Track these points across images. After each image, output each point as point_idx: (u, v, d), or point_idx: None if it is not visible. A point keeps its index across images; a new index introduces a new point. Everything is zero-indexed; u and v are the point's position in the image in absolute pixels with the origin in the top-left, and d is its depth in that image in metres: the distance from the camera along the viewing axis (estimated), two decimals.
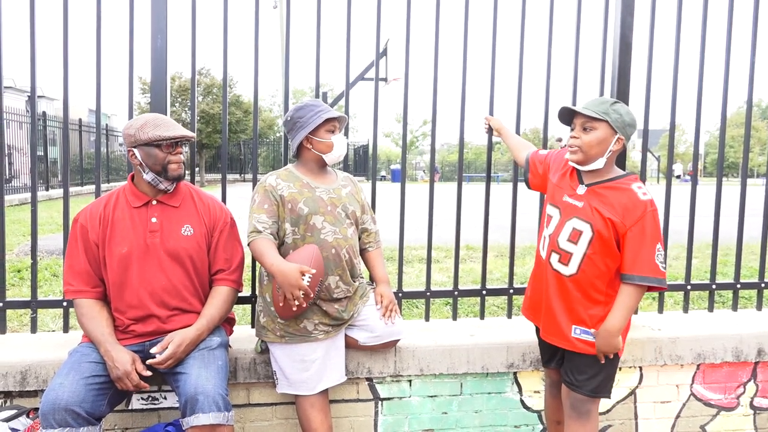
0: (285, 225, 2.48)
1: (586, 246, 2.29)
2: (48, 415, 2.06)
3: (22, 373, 2.56)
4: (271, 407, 2.77)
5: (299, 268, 2.22)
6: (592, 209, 2.28)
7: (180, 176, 2.42)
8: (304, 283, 2.22)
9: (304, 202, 2.48)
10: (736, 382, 3.07)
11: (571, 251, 2.33)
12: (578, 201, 2.34)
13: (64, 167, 2.90)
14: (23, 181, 15.74)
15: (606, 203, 2.27)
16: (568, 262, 2.34)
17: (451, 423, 2.91)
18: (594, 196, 2.31)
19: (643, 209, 2.23)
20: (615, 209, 2.25)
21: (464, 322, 3.22)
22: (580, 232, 2.31)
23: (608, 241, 2.25)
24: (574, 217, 2.33)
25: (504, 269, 5.73)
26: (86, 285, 2.37)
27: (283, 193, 2.49)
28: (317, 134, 2.53)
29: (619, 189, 2.29)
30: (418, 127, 45.20)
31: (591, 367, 2.35)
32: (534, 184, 2.73)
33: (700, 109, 3.22)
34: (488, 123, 3.09)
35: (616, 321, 2.26)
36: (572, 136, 2.32)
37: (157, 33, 2.83)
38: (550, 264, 2.41)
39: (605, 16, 3.12)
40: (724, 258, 6.13)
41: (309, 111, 2.52)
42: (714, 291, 3.37)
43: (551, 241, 2.41)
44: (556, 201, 2.44)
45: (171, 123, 2.41)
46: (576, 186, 2.38)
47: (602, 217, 2.25)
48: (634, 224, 2.22)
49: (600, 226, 2.25)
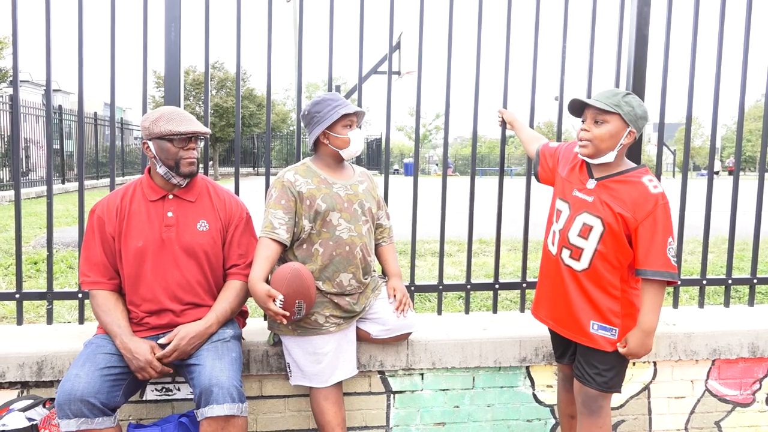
0: (303, 222, 2.47)
1: (597, 241, 2.27)
2: (64, 406, 2.08)
3: (39, 364, 2.59)
4: (284, 399, 2.79)
5: (267, 292, 2.23)
6: (603, 204, 2.25)
7: (192, 173, 2.40)
8: (272, 306, 2.22)
9: (322, 199, 2.47)
10: (751, 377, 3.04)
11: (582, 246, 2.31)
12: (588, 195, 2.31)
13: (79, 160, 2.92)
14: (40, 174, 15.92)
15: (616, 198, 2.24)
16: (580, 258, 2.32)
17: (463, 417, 2.91)
18: (604, 191, 2.27)
19: (654, 202, 2.19)
20: (625, 204, 2.22)
21: (477, 316, 3.21)
22: (590, 227, 2.28)
23: (619, 236, 2.23)
24: (585, 211, 2.30)
25: (516, 263, 5.72)
26: (102, 276, 2.39)
27: (302, 189, 2.47)
28: (334, 129, 2.51)
29: (629, 182, 2.25)
30: (431, 121, 45.07)
31: (602, 362, 2.34)
32: (543, 177, 2.69)
33: (718, 102, 3.18)
34: (501, 116, 3.07)
35: (650, 321, 2.22)
36: (583, 129, 2.29)
37: (171, 25, 2.84)
38: (561, 259, 2.39)
39: (621, 7, 3.08)
40: (740, 253, 6.07)
41: (326, 106, 2.50)
42: (730, 286, 3.33)
43: (562, 236, 2.38)
44: (565, 195, 2.42)
45: (185, 118, 2.39)
46: (586, 180, 2.35)
47: (612, 212, 2.22)
48: (645, 218, 2.18)
49: (610, 221, 2.23)
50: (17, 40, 2.79)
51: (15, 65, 2.82)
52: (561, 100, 3.12)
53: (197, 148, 2.42)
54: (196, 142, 2.42)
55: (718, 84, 3.16)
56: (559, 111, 3.14)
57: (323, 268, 2.47)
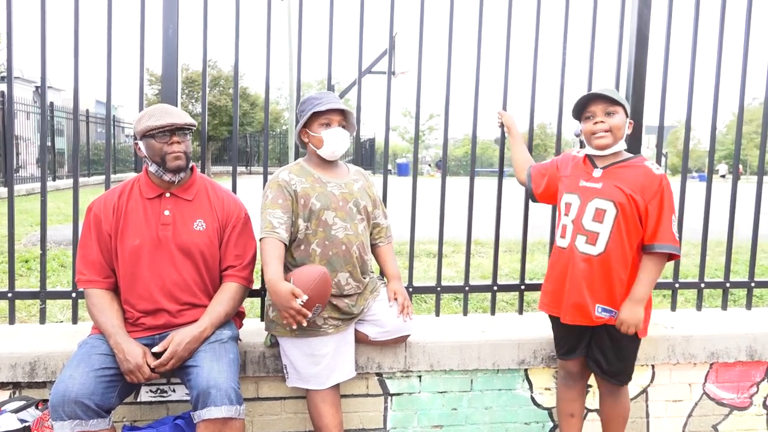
0: (298, 221, 2.45)
1: (612, 223, 2.39)
2: (58, 407, 2.05)
3: (31, 364, 2.55)
4: (280, 401, 2.76)
5: (292, 290, 2.18)
6: (614, 187, 2.39)
7: (180, 167, 2.33)
8: (296, 305, 2.18)
9: (316, 197, 2.45)
10: (749, 381, 3.03)
11: (598, 230, 2.42)
12: (596, 183, 2.45)
13: (74, 158, 2.88)
14: (30, 172, 15.76)
15: (625, 180, 2.40)
16: (596, 242, 2.43)
17: (460, 419, 2.89)
18: (611, 176, 2.43)
19: (659, 183, 2.37)
20: (634, 186, 2.37)
21: (475, 318, 3.19)
22: (603, 210, 2.41)
23: (632, 216, 2.37)
24: (596, 197, 2.44)
25: (512, 265, 5.71)
26: (98, 275, 2.35)
27: (297, 188, 2.46)
28: (312, 128, 2.51)
29: (633, 167, 2.43)
30: (425, 122, 45.07)
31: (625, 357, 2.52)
32: (540, 194, 2.78)
33: (717, 104, 3.18)
34: (501, 118, 3.04)
35: (642, 292, 2.39)
36: (598, 121, 2.43)
37: (169, 23, 2.81)
38: (575, 248, 2.47)
39: (622, 9, 3.07)
40: (734, 256, 6.08)
41: (309, 105, 2.51)
42: (728, 289, 3.33)
43: (575, 224, 2.48)
44: (572, 189, 2.53)
45: (164, 112, 2.32)
46: (591, 170, 2.49)
47: (624, 193, 2.37)
48: (653, 197, 2.36)
49: (623, 201, 2.36)
50: (12, 37, 2.74)
51: (9, 62, 2.78)
52: (561, 102, 3.11)
53: (184, 141, 2.34)
54: (182, 136, 2.34)
55: (717, 87, 3.16)
56: (559, 114, 3.13)
57: None
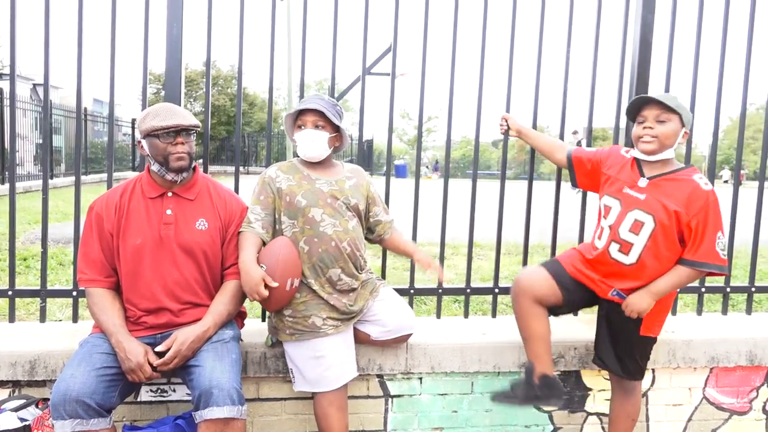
0: (282, 218, 2.46)
1: (648, 237, 2.37)
2: (59, 406, 2.03)
3: (31, 363, 2.54)
4: (281, 402, 2.75)
5: (262, 277, 2.23)
6: (657, 202, 2.36)
7: (182, 168, 2.33)
8: (263, 290, 2.23)
9: (302, 195, 2.45)
10: (749, 386, 3.04)
11: (632, 242, 2.40)
12: (640, 193, 2.42)
13: (76, 157, 2.88)
14: (27, 170, 15.69)
15: (670, 195, 2.36)
16: (629, 252, 2.42)
17: (461, 422, 2.89)
18: (657, 189, 2.39)
19: (705, 199, 2.32)
20: (679, 201, 2.34)
21: (476, 320, 3.19)
22: (642, 223, 2.39)
23: (670, 233, 2.35)
24: (636, 208, 2.41)
25: (512, 267, 5.71)
26: (99, 274, 2.34)
27: (282, 185, 2.47)
28: (294, 130, 2.55)
29: (681, 180, 2.38)
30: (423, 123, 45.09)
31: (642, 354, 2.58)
32: (582, 182, 2.76)
33: (719, 107, 3.19)
34: (506, 122, 3.00)
35: (661, 288, 2.39)
36: (647, 126, 2.40)
37: (173, 21, 2.80)
38: (608, 253, 2.47)
39: (625, 14, 3.08)
40: (735, 261, 6.08)
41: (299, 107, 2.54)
42: (728, 294, 3.34)
43: (612, 231, 2.46)
44: (614, 192, 2.51)
45: (171, 113, 2.31)
46: (637, 178, 2.45)
47: (666, 210, 2.34)
48: (697, 213, 2.32)
49: (663, 218, 2.34)
50: (15, 35, 2.74)
51: (12, 59, 2.77)
52: (564, 104, 3.11)
53: (188, 142, 2.33)
54: (186, 137, 2.34)
55: (720, 91, 3.17)
56: (562, 119, 3.14)
57: (312, 266, 2.44)
